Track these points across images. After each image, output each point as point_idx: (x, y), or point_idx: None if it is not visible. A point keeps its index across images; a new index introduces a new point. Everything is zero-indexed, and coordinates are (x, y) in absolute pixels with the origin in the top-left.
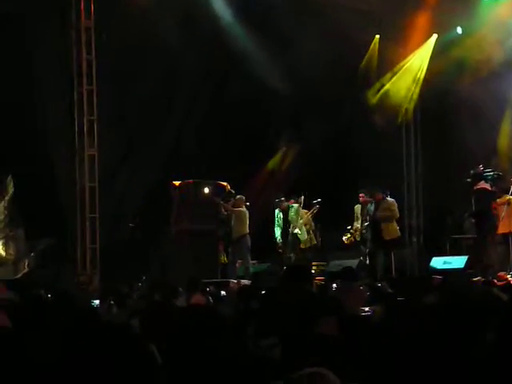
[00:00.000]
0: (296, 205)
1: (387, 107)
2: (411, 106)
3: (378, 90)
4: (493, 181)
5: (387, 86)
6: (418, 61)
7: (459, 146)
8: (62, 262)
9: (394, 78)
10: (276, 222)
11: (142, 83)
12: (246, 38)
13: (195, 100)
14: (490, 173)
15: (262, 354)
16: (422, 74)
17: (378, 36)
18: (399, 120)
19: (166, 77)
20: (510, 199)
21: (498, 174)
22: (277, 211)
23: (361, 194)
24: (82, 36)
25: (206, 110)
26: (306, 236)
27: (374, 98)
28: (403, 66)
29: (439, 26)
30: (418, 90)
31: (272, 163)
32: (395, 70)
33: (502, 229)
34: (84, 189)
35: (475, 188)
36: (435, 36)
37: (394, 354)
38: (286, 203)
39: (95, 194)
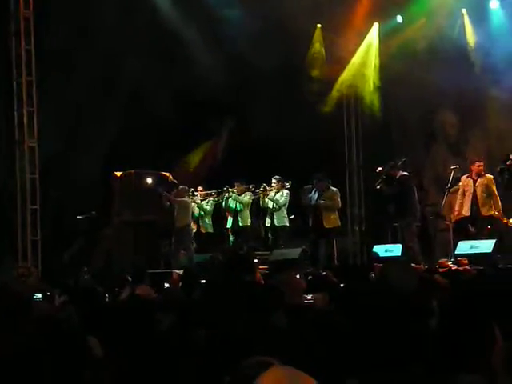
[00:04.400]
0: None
1: (332, 95)
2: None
3: (328, 82)
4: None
5: (342, 77)
6: (366, 50)
7: (401, 134)
8: (3, 254)
9: (347, 69)
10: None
11: (82, 72)
12: (185, 24)
13: (137, 88)
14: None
15: (204, 344)
16: (376, 62)
17: (319, 25)
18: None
19: (107, 65)
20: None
21: (403, 161)
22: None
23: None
24: (21, 26)
25: (149, 98)
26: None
27: (316, 87)
28: (352, 56)
29: (379, 15)
30: (375, 78)
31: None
32: (344, 60)
33: (454, 215)
34: (25, 180)
35: (397, 177)
36: (376, 25)
37: (338, 342)
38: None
39: (36, 185)
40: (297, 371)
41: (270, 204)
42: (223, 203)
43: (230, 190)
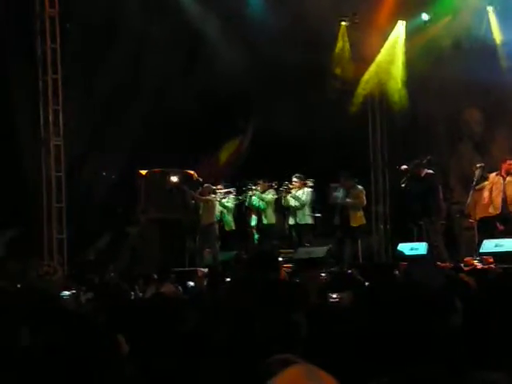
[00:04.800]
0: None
1: (357, 93)
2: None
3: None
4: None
5: (367, 75)
6: (392, 48)
7: (426, 132)
8: (28, 252)
9: (372, 67)
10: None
11: (107, 71)
12: (208, 22)
13: (162, 87)
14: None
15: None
16: (402, 60)
17: (344, 23)
18: (368, 106)
19: (131, 64)
20: (486, 185)
21: (429, 159)
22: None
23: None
24: (46, 25)
25: (173, 96)
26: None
27: (341, 85)
28: (377, 54)
29: (404, 13)
30: (401, 76)
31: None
32: (369, 58)
33: (480, 213)
34: (50, 179)
35: (422, 175)
36: (402, 23)
37: (361, 340)
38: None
39: (61, 183)
40: (317, 369)
41: (292, 202)
42: (247, 201)
43: (254, 187)
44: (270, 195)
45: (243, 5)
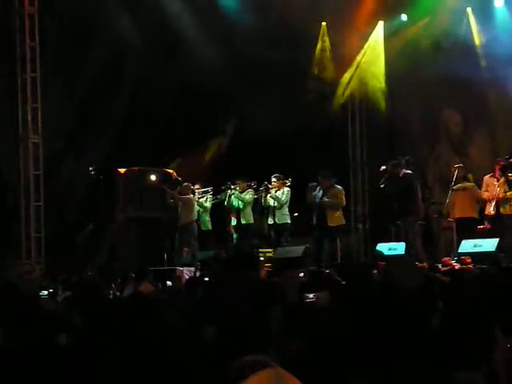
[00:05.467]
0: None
1: (337, 93)
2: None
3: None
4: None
5: (348, 75)
6: (372, 48)
7: (405, 132)
8: (7, 250)
9: (352, 67)
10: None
11: (86, 70)
12: (188, 21)
13: (140, 86)
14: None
15: (205, 342)
16: (382, 60)
17: (324, 23)
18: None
19: (110, 63)
20: (465, 186)
21: (407, 160)
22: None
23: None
24: (25, 22)
25: (152, 96)
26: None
27: (321, 85)
28: (357, 54)
29: (384, 13)
30: (381, 76)
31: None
32: (350, 58)
33: (458, 214)
34: (28, 177)
35: (401, 175)
36: (381, 23)
37: (338, 340)
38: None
39: (40, 181)
40: (285, 372)
41: (272, 202)
42: (225, 201)
43: (232, 187)
44: (249, 195)
45: (223, 4)
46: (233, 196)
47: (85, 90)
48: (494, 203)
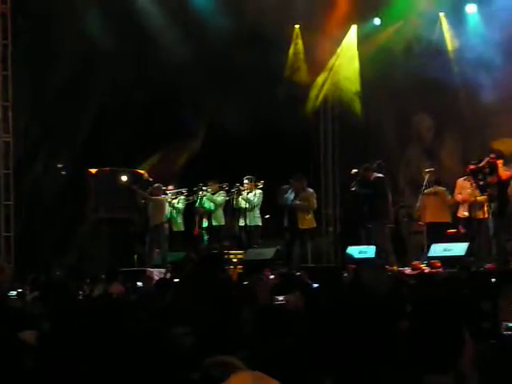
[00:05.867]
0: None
1: (310, 96)
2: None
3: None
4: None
5: (321, 78)
6: (345, 52)
7: (377, 136)
8: None
9: (325, 70)
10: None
11: (58, 69)
12: (160, 21)
13: (112, 86)
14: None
15: (176, 342)
16: (355, 64)
17: (297, 26)
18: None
19: (82, 62)
20: (436, 191)
21: (378, 163)
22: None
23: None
24: None
25: (123, 97)
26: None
27: (294, 88)
28: (330, 57)
29: (357, 17)
30: (354, 79)
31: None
32: (323, 61)
33: (429, 218)
34: None
35: (371, 179)
36: (354, 27)
37: (308, 343)
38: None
39: (10, 181)
40: (263, 376)
41: (243, 204)
42: (197, 202)
43: (204, 188)
44: (221, 197)
45: (196, 5)
46: (204, 198)
47: (56, 88)
48: (467, 205)
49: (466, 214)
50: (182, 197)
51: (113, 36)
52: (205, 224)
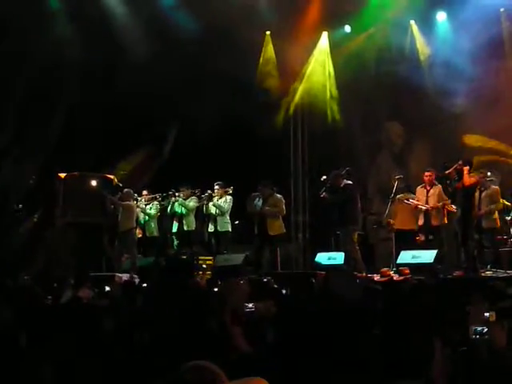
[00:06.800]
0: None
1: (281, 103)
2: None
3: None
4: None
5: (293, 85)
6: (316, 58)
7: (346, 142)
8: None
9: (297, 77)
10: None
11: (26, 73)
12: (131, 27)
13: (80, 90)
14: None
15: (142, 347)
16: (329, 70)
17: (268, 32)
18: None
19: (51, 66)
20: (407, 197)
21: (347, 170)
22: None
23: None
24: None
25: (92, 100)
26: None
27: (265, 94)
28: (302, 63)
29: (328, 24)
30: (328, 86)
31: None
32: (294, 67)
33: (398, 225)
34: None
35: (341, 186)
36: (325, 34)
37: (279, 350)
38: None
39: None
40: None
41: (213, 210)
42: (169, 207)
43: (177, 194)
44: (193, 202)
45: (165, 11)
46: (176, 203)
47: (26, 93)
48: (422, 214)
49: (420, 222)
50: (156, 202)
51: (82, 39)
52: (174, 229)
